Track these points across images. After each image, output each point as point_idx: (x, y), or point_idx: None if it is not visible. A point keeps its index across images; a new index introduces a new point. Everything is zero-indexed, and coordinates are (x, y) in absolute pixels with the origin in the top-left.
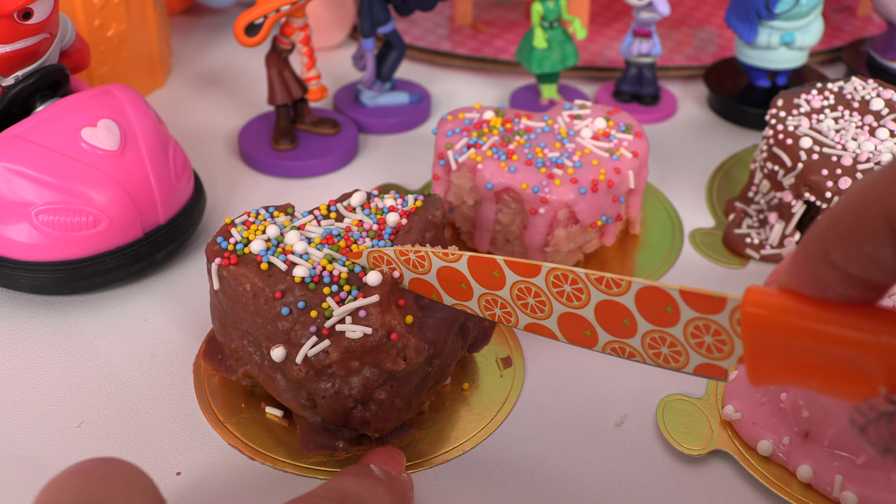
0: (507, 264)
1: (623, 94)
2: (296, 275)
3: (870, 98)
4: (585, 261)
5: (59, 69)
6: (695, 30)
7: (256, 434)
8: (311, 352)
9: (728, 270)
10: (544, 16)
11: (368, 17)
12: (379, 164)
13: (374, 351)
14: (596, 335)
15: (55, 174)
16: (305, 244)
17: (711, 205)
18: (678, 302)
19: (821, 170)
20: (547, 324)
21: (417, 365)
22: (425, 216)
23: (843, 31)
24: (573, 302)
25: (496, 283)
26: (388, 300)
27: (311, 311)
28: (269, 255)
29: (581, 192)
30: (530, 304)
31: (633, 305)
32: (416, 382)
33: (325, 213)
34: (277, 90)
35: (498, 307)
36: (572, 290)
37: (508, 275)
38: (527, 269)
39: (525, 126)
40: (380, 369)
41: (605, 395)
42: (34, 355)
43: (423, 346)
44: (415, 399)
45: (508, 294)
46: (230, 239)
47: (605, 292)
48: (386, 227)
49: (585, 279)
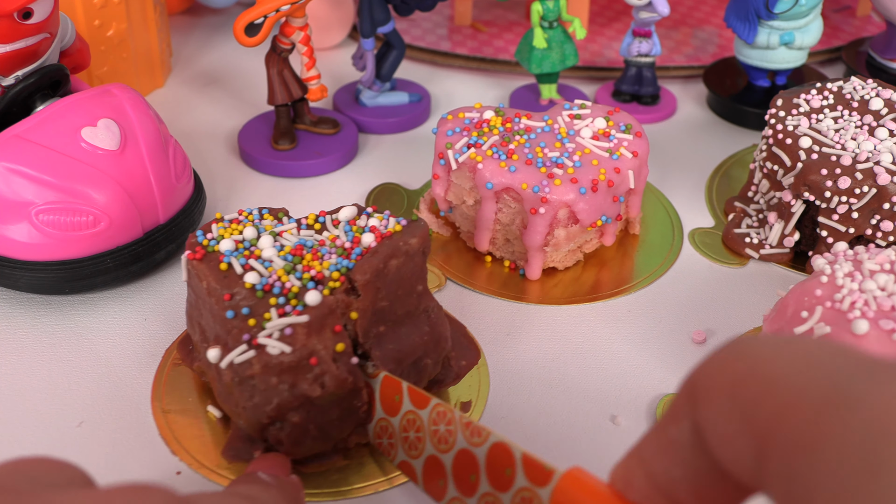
0: (408, 390)
1: (623, 94)
2: (246, 280)
3: (869, 98)
4: (585, 260)
5: (60, 69)
6: (694, 30)
7: (192, 432)
8: (237, 359)
9: (727, 270)
10: (544, 15)
11: (368, 17)
12: (379, 164)
13: (292, 371)
14: (446, 487)
15: (55, 174)
16: (275, 251)
17: (711, 204)
18: (517, 466)
19: (820, 169)
20: (415, 464)
21: (339, 396)
22: (396, 243)
23: (843, 31)
24: (441, 445)
25: (395, 408)
26: (321, 323)
27: (250, 319)
28: (231, 256)
29: (581, 191)
30: (411, 439)
31: (484, 460)
32: (337, 414)
33: (310, 223)
34: (277, 90)
35: (386, 436)
36: (445, 430)
37: (405, 402)
38: (419, 400)
39: (525, 126)
40: (297, 391)
41: (604, 395)
42: (34, 355)
43: (345, 379)
44: (335, 430)
45: (399, 423)
46: (208, 234)
47: (467, 440)
48: (356, 248)
49: (458, 421)
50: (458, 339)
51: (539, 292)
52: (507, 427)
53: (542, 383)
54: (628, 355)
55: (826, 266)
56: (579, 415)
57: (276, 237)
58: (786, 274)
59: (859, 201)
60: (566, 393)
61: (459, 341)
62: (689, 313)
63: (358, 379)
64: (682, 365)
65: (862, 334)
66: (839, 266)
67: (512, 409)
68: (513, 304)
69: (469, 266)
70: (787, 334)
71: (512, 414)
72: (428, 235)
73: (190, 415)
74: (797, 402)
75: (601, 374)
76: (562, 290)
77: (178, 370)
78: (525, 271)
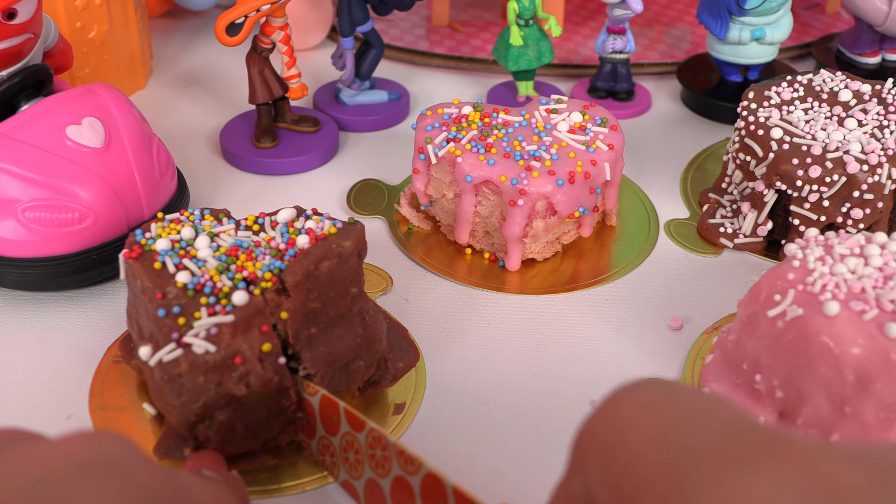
0: (345, 411)
1: (598, 91)
2: (178, 280)
3: (838, 90)
4: (564, 251)
5: (44, 69)
6: (668, 27)
7: (128, 428)
8: (166, 357)
9: (703, 259)
10: (520, 13)
11: (347, 17)
12: (359, 161)
13: (218, 370)
14: None
15: (41, 171)
16: (211, 251)
17: (686, 196)
18: (449, 499)
19: (791, 159)
20: (357, 485)
21: (265, 395)
22: (329, 245)
23: (813, 28)
24: (378, 470)
25: (333, 427)
26: (247, 323)
27: (180, 318)
28: (165, 256)
29: (559, 183)
30: (350, 460)
31: (419, 489)
32: (265, 413)
33: (249, 224)
34: (258, 89)
35: (328, 454)
36: (381, 455)
37: (343, 423)
38: (356, 422)
39: (503, 120)
40: (223, 390)
41: (584, 381)
42: (22, 350)
43: (270, 378)
44: (263, 429)
45: (338, 443)
46: (147, 233)
47: (401, 468)
48: (290, 250)
49: (392, 448)
50: (398, 342)
51: (519, 283)
52: (489, 412)
53: (523, 371)
54: (607, 342)
55: (798, 251)
56: (560, 399)
57: (213, 238)
58: (759, 262)
59: (830, 189)
60: (547, 378)
61: (399, 343)
62: (666, 301)
63: (285, 378)
64: (659, 351)
65: (833, 315)
66: (811, 251)
67: (493, 395)
68: (493, 294)
69: (450, 259)
70: (667, 387)
71: (494, 399)
72: (363, 238)
73: (127, 411)
74: (650, 485)
75: (580, 360)
76: (541, 281)
77: (118, 367)
78: (504, 263)
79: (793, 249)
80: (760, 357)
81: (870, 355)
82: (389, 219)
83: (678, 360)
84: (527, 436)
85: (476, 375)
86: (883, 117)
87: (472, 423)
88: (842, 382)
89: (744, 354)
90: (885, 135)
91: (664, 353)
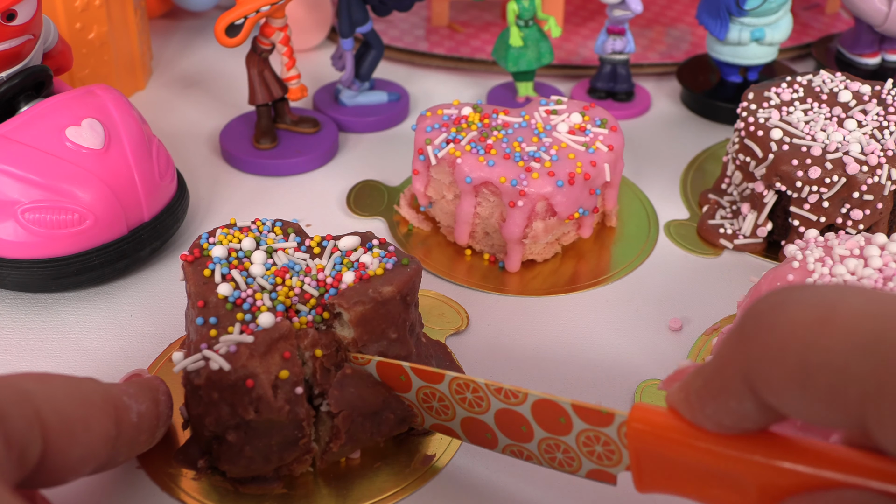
0: (413, 370)
1: (598, 91)
2: (219, 292)
3: (838, 90)
4: (563, 252)
5: (43, 70)
6: (667, 28)
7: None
8: (190, 367)
9: (702, 260)
10: (520, 14)
11: (347, 18)
12: (359, 162)
13: (230, 390)
14: (496, 438)
15: (40, 173)
16: (264, 268)
17: (686, 197)
18: (570, 414)
19: (791, 160)
20: (451, 425)
21: (279, 423)
22: (367, 289)
23: (812, 28)
24: (474, 408)
25: (403, 386)
26: (267, 346)
27: (213, 330)
28: (216, 263)
29: (558, 184)
30: (435, 407)
31: (530, 415)
32: (277, 441)
33: (312, 245)
34: (258, 90)
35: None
36: (473, 397)
37: (414, 380)
38: (431, 377)
39: (503, 121)
40: (234, 411)
41: (584, 382)
42: (22, 352)
43: (280, 407)
44: (275, 456)
45: (415, 397)
46: (211, 238)
47: (503, 401)
48: (332, 287)
49: (485, 389)
50: None
51: (518, 284)
52: None
53: (523, 372)
54: (606, 344)
55: (798, 252)
56: None
57: (271, 253)
58: (759, 263)
59: (829, 190)
60: (547, 380)
61: None
62: (666, 302)
63: (299, 409)
64: (658, 352)
65: None
66: (810, 252)
67: None
68: (493, 295)
69: (450, 260)
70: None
71: None
72: (410, 282)
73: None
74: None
75: (580, 362)
76: (541, 282)
77: (167, 367)
78: (504, 264)
79: (792, 250)
80: None
81: None
82: (389, 220)
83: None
84: None
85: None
86: (883, 118)
87: None
88: None
89: None
90: (884, 136)
91: (664, 354)
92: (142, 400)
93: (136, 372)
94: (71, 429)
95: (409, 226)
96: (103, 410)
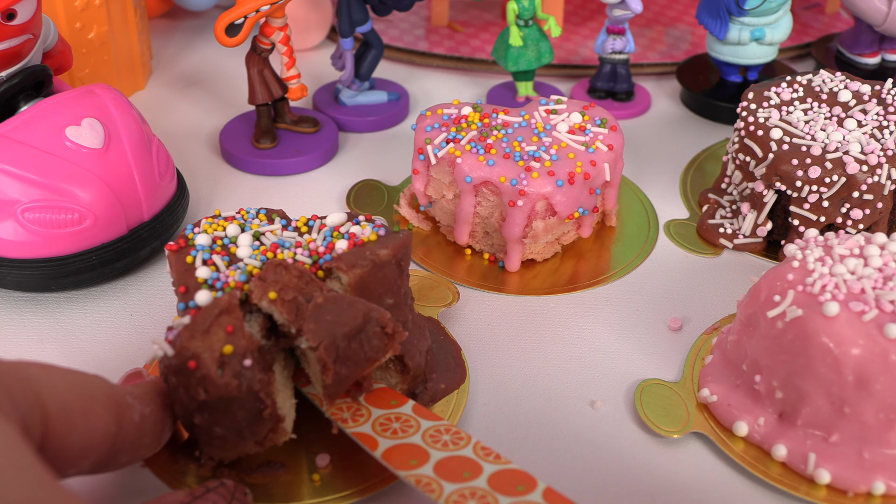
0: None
1: (598, 91)
2: (198, 275)
3: (837, 90)
4: (563, 252)
5: (43, 69)
6: (667, 28)
7: None
8: (157, 354)
9: (702, 259)
10: (519, 14)
11: (347, 18)
12: (359, 162)
13: (180, 374)
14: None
15: (40, 172)
16: (251, 250)
17: (685, 197)
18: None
19: (791, 159)
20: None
21: (237, 399)
22: (363, 252)
23: (812, 28)
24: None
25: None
26: (206, 324)
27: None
28: (199, 250)
29: (558, 184)
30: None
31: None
32: (244, 416)
33: (298, 226)
34: (258, 90)
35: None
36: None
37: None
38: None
39: (503, 121)
40: (190, 394)
41: (584, 381)
42: (22, 351)
43: (227, 383)
44: (246, 431)
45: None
46: (196, 228)
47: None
48: (326, 254)
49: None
50: (445, 361)
51: (518, 284)
52: (490, 413)
53: (523, 371)
54: (606, 343)
55: (797, 251)
56: (560, 400)
57: (258, 237)
58: (759, 263)
59: (829, 190)
60: (547, 380)
61: (446, 363)
62: (665, 302)
63: (250, 382)
64: (658, 351)
65: (833, 316)
66: (810, 251)
67: (494, 396)
68: (493, 295)
69: (449, 259)
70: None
71: (494, 400)
72: (404, 247)
73: None
74: None
75: (580, 361)
76: (541, 281)
77: None
78: (504, 263)
79: (792, 250)
80: (760, 358)
81: (869, 356)
82: (389, 219)
83: (678, 361)
84: (526, 436)
85: (476, 376)
86: (882, 118)
87: (471, 422)
88: (841, 383)
89: (743, 355)
90: (884, 135)
91: (664, 354)
92: (147, 402)
93: (135, 371)
94: (70, 416)
95: (409, 225)
96: (104, 405)
